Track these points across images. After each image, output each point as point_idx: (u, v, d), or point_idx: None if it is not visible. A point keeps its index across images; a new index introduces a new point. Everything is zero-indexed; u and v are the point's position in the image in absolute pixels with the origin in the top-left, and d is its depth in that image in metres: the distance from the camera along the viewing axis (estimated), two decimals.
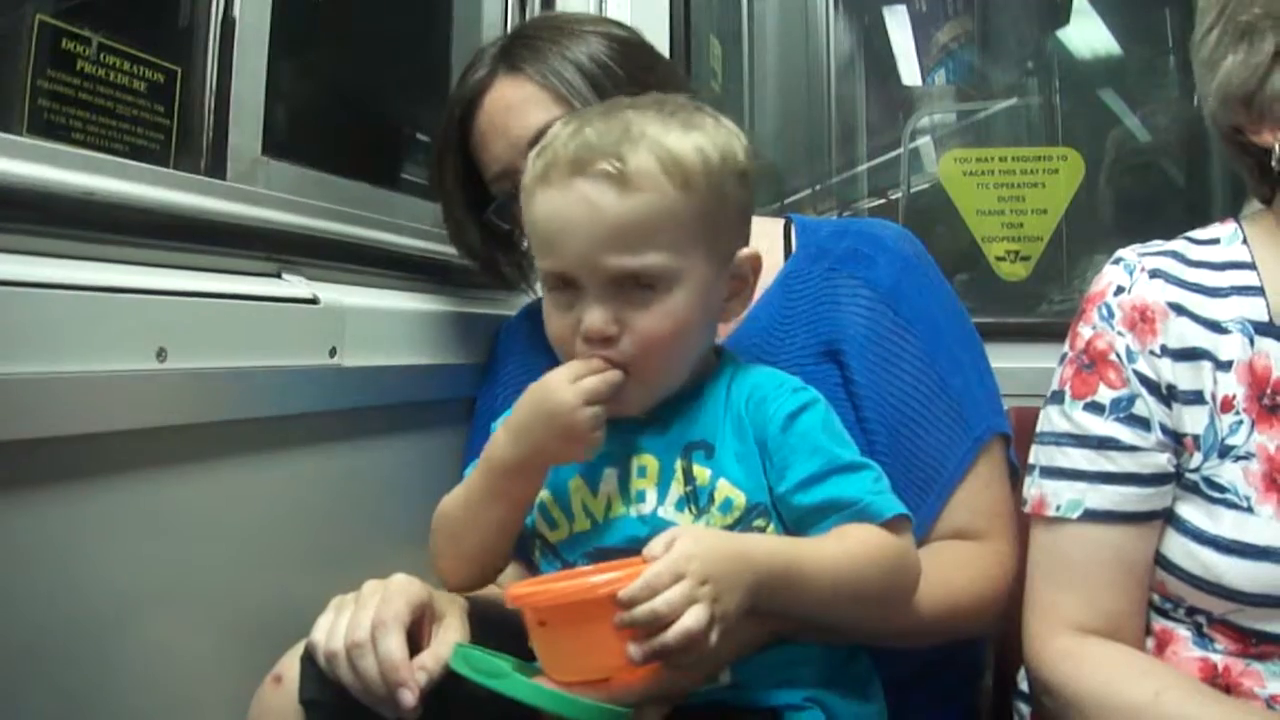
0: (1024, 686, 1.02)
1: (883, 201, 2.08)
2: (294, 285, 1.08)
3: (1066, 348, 0.99)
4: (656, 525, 0.85)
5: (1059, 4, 1.99)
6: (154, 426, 0.89)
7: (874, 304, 1.05)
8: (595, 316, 0.84)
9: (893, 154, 2.03)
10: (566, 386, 0.84)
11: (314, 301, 1.07)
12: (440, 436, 1.28)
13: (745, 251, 0.90)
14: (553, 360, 1.18)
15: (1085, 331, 0.97)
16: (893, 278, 1.06)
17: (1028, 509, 0.98)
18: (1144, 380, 0.93)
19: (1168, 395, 0.92)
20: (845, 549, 0.82)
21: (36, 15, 0.96)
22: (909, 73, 2.13)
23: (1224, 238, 0.99)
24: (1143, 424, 0.93)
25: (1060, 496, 0.94)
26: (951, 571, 0.95)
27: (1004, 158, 1.77)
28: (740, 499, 0.85)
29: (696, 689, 0.81)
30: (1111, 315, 0.95)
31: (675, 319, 0.85)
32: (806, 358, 1.04)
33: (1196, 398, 0.92)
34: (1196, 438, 0.91)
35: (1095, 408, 0.94)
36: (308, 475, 1.08)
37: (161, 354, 0.88)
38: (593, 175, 0.82)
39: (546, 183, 0.85)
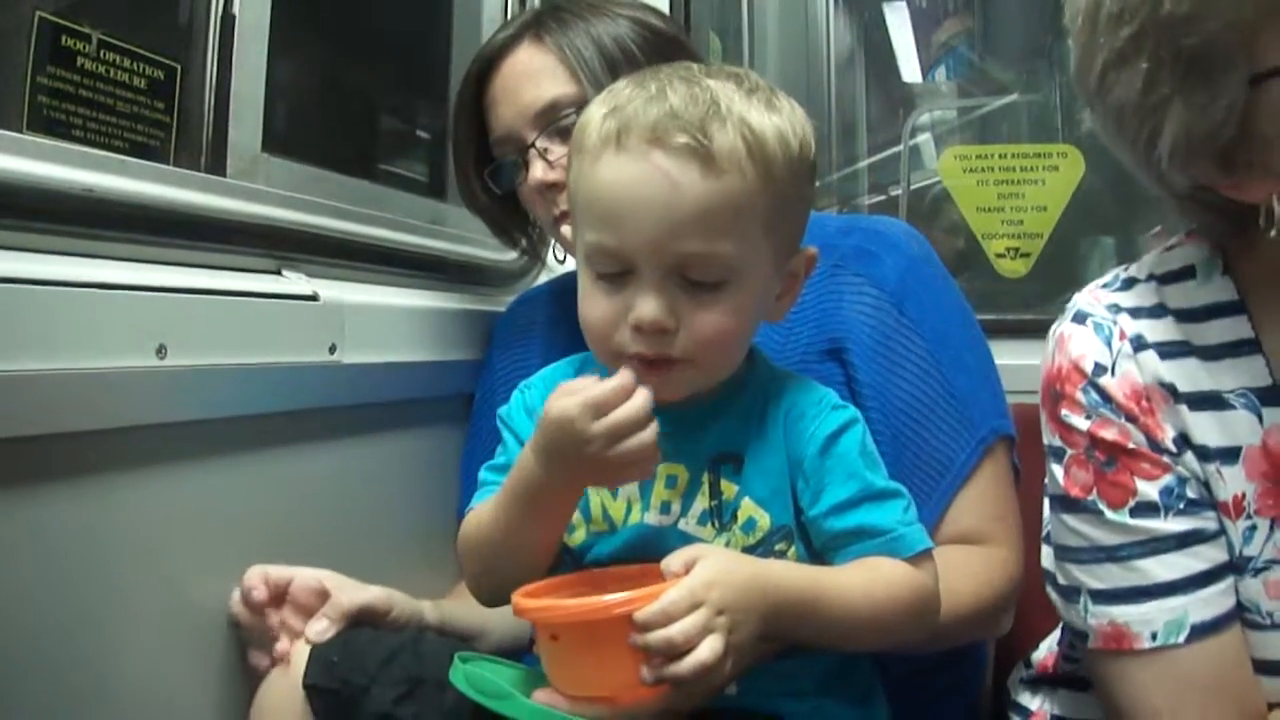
0: (1016, 697, 1.02)
1: (883, 198, 2.08)
2: (293, 282, 1.08)
3: (1056, 441, 0.83)
4: (677, 538, 0.82)
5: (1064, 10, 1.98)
6: (154, 423, 0.89)
7: (879, 303, 1.04)
8: (652, 307, 0.76)
9: (893, 150, 2.02)
10: (589, 421, 0.73)
11: (313, 298, 1.07)
12: (439, 432, 1.28)
13: (807, 251, 0.85)
14: (541, 350, 1.19)
15: (1078, 422, 0.81)
16: (898, 277, 1.05)
17: (1093, 644, 0.81)
18: (1185, 466, 0.79)
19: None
20: (868, 588, 0.78)
21: (37, 12, 0.96)
22: (909, 69, 2.13)
23: (1199, 265, 0.82)
24: (1208, 506, 0.78)
25: (1153, 622, 0.78)
26: (957, 580, 0.91)
27: (1004, 154, 1.77)
28: (764, 521, 0.82)
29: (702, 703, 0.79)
30: (1107, 401, 0.80)
31: (736, 316, 0.78)
32: (811, 356, 1.03)
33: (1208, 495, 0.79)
34: None
35: (1147, 509, 0.79)
36: (307, 471, 1.08)
37: (161, 351, 0.88)
38: (677, 150, 0.74)
39: (619, 148, 0.75)
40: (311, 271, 1.12)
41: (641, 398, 0.75)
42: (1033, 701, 0.99)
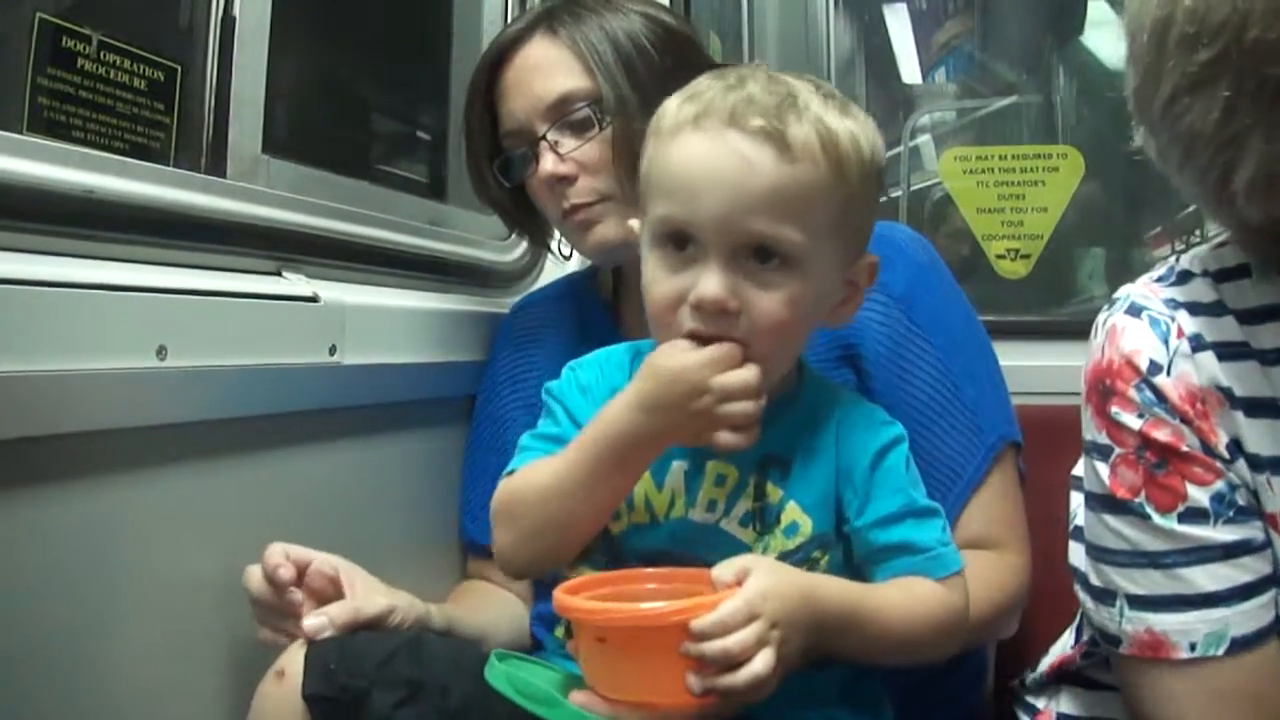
0: (1027, 698, 1.02)
1: (883, 199, 2.07)
2: (294, 283, 1.08)
3: (1103, 438, 0.80)
4: (718, 537, 0.83)
5: (1070, 13, 1.98)
6: (154, 424, 0.89)
7: (889, 309, 1.05)
8: (715, 284, 0.76)
9: (893, 152, 2.02)
10: (709, 373, 0.76)
11: (314, 299, 1.07)
12: (440, 434, 1.28)
13: (868, 257, 0.86)
14: (550, 352, 1.19)
15: (1130, 420, 0.78)
16: (907, 283, 1.06)
17: (1126, 650, 0.79)
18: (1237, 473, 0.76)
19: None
20: (907, 607, 0.80)
21: (37, 13, 0.96)
22: (909, 70, 2.13)
23: (1254, 263, 0.78)
24: (1256, 515, 0.76)
25: (1193, 632, 0.76)
26: (971, 585, 0.89)
27: (1004, 156, 1.77)
28: (806, 526, 0.83)
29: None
30: (1161, 400, 0.76)
31: (797, 306, 0.78)
32: (825, 362, 1.03)
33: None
34: None
35: (1196, 515, 0.76)
36: (308, 473, 1.08)
37: (162, 352, 0.88)
38: (753, 132, 0.76)
39: (697, 128, 0.78)
40: (312, 273, 1.12)
41: (755, 369, 0.77)
42: (1038, 700, 0.99)
